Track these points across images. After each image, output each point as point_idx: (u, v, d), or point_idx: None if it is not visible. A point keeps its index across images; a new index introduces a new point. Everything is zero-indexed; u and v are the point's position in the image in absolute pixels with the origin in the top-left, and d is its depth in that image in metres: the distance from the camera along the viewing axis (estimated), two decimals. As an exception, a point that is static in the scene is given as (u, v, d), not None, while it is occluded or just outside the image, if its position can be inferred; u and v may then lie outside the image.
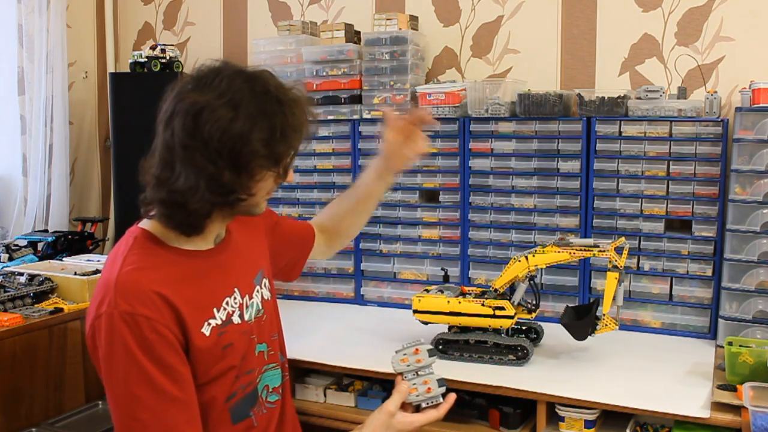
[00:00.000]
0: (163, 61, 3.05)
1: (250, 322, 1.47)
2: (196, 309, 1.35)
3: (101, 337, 1.28)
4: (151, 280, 1.30)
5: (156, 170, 1.33)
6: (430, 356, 1.57)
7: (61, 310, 2.24)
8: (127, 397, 1.26)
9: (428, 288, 2.12)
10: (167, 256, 1.37)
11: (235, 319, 1.43)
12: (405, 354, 1.58)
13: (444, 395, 1.54)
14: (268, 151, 1.31)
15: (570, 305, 2.16)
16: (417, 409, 1.55)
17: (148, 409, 1.26)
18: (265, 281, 1.58)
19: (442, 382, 1.54)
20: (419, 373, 1.56)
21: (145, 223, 1.41)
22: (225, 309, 1.41)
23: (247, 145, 1.28)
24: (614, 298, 1.95)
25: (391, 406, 1.50)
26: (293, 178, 1.48)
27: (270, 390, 1.52)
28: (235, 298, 1.45)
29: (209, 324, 1.37)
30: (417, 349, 1.58)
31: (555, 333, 2.11)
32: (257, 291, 1.53)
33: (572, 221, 2.36)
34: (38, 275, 2.39)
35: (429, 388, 1.53)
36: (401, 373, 1.56)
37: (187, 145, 1.28)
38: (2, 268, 2.55)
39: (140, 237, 1.38)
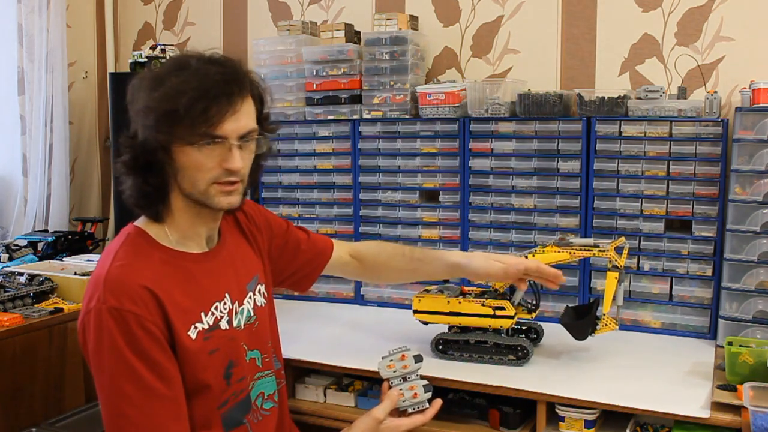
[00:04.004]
0: (164, 61, 3.04)
1: (239, 329, 1.46)
2: (183, 311, 1.34)
3: (90, 332, 1.29)
4: (140, 276, 1.30)
5: None
6: (416, 362, 1.57)
7: (61, 310, 2.24)
8: (114, 392, 1.27)
9: (428, 288, 2.12)
10: (158, 254, 1.37)
11: (223, 324, 1.42)
12: (391, 360, 1.58)
13: (430, 400, 1.54)
14: (165, 114, 1.29)
15: (570, 305, 2.16)
16: (403, 414, 1.55)
17: (135, 405, 1.26)
18: (260, 287, 1.57)
19: (428, 387, 1.55)
20: (406, 378, 1.56)
21: (139, 222, 1.42)
22: (213, 314, 1.40)
23: (149, 107, 1.31)
24: (614, 298, 1.95)
25: (379, 413, 1.50)
26: (238, 163, 1.34)
27: (265, 397, 1.51)
28: (224, 304, 1.44)
29: (196, 327, 1.36)
30: (403, 355, 1.59)
31: (555, 333, 2.11)
32: (249, 297, 1.51)
33: (572, 221, 2.35)
34: (38, 275, 2.39)
35: (415, 394, 1.53)
36: (388, 379, 1.57)
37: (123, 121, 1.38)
38: (2, 268, 2.55)
39: (132, 234, 1.39)
